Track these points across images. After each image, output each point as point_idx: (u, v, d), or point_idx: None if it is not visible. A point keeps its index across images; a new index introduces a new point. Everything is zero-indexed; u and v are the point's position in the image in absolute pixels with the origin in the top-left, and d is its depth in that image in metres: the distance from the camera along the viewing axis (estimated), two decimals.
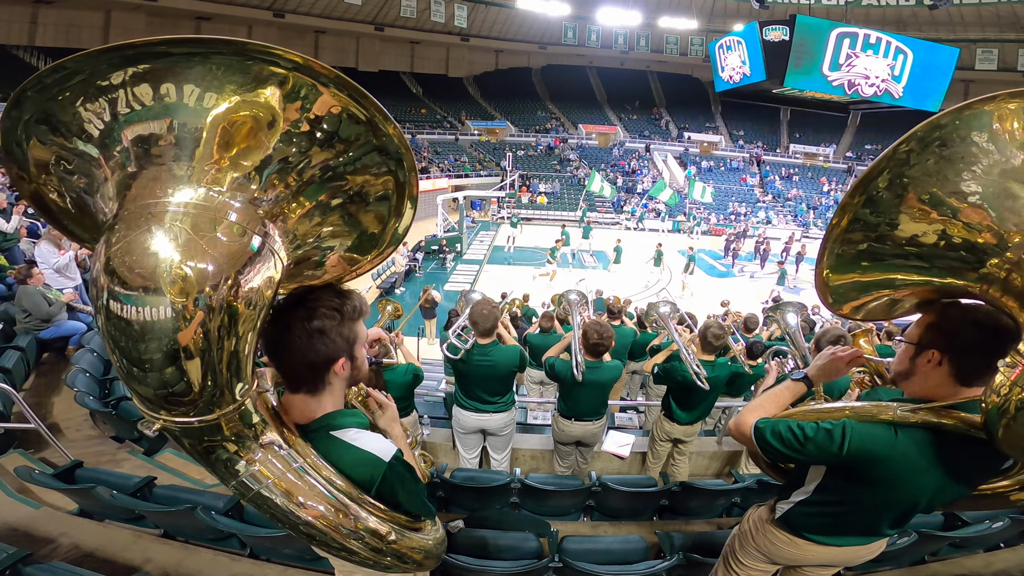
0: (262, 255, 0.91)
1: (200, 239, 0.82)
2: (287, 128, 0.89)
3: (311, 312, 1.17)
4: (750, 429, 1.67)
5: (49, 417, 4.89)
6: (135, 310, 0.80)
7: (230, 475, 1.05)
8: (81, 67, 0.80)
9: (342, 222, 1.08)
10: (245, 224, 0.88)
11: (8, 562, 2.15)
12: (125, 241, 0.81)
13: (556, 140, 35.21)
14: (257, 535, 2.64)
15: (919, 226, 1.26)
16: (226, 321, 0.87)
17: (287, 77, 0.86)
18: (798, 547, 1.83)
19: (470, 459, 4.07)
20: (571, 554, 2.53)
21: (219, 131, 0.85)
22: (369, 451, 1.24)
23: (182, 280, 0.80)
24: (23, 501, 3.27)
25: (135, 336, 0.82)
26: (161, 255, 0.80)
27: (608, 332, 3.67)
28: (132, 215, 0.83)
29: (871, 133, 36.00)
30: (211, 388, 0.91)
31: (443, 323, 9.34)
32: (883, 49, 16.31)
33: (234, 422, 1.00)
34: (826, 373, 1.76)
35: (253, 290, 0.90)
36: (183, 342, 0.83)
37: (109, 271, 0.80)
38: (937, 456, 1.46)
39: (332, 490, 1.14)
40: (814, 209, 29.76)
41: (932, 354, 1.46)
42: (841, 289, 1.49)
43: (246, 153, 0.88)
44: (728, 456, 4.90)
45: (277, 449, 1.09)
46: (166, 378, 0.86)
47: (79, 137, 0.86)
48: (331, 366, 1.22)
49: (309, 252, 1.09)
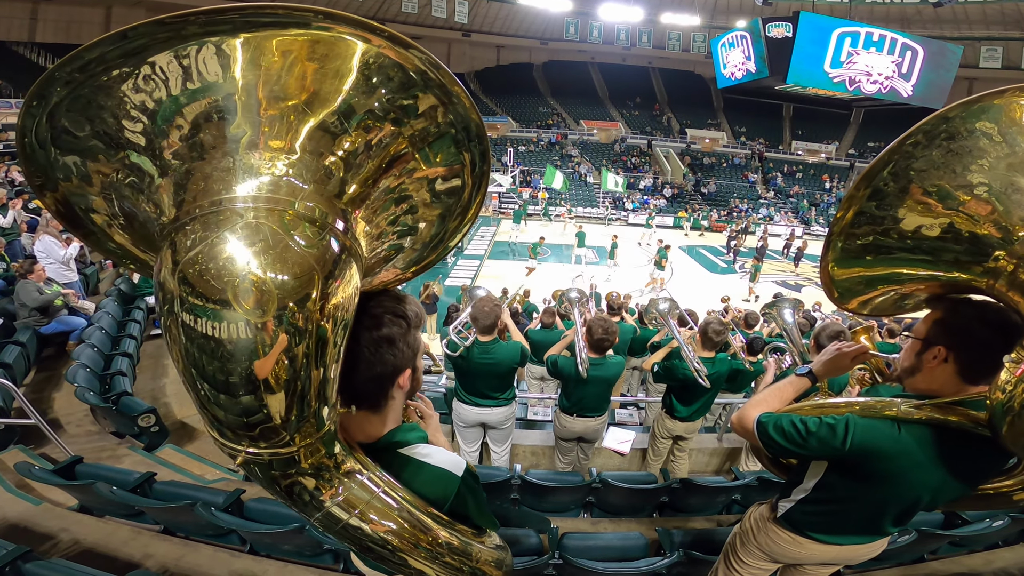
0: (343, 258, 0.81)
1: (276, 246, 0.73)
2: (359, 103, 0.79)
3: (377, 320, 1.07)
4: (753, 423, 1.66)
5: (49, 413, 4.91)
6: (214, 325, 0.72)
7: (315, 507, 0.97)
8: (130, 43, 0.71)
9: (416, 218, 0.99)
10: (318, 215, 0.78)
11: (8, 559, 2.14)
12: (204, 245, 0.72)
13: (558, 136, 35.13)
14: (257, 531, 2.64)
15: (925, 219, 1.25)
16: (311, 347, 0.78)
17: (362, 48, 0.78)
18: (800, 545, 1.83)
19: (470, 453, 4.06)
20: (571, 551, 2.53)
21: (284, 109, 0.76)
22: (442, 467, 1.18)
23: (260, 295, 0.72)
24: (23, 497, 3.27)
25: (219, 355, 0.74)
26: (236, 265, 0.71)
27: (613, 328, 3.66)
28: (206, 214, 0.74)
29: (874, 130, 35.86)
30: (296, 420, 0.83)
31: (443, 318, 9.34)
32: (887, 46, 16.26)
33: (315, 451, 0.91)
34: (831, 368, 1.75)
35: (338, 304, 0.81)
36: (261, 369, 0.75)
37: (184, 280, 0.72)
38: (940, 453, 1.46)
39: (413, 510, 1.08)
40: (816, 206, 29.72)
41: (938, 350, 1.45)
42: (847, 284, 1.49)
43: (313, 131, 0.78)
44: (728, 453, 4.90)
45: (359, 476, 1.02)
46: (247, 406, 0.78)
47: (127, 122, 0.76)
48: (396, 378, 1.13)
49: (384, 252, 1.00)
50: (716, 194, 30.92)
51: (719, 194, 31.00)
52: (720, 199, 30.48)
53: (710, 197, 30.54)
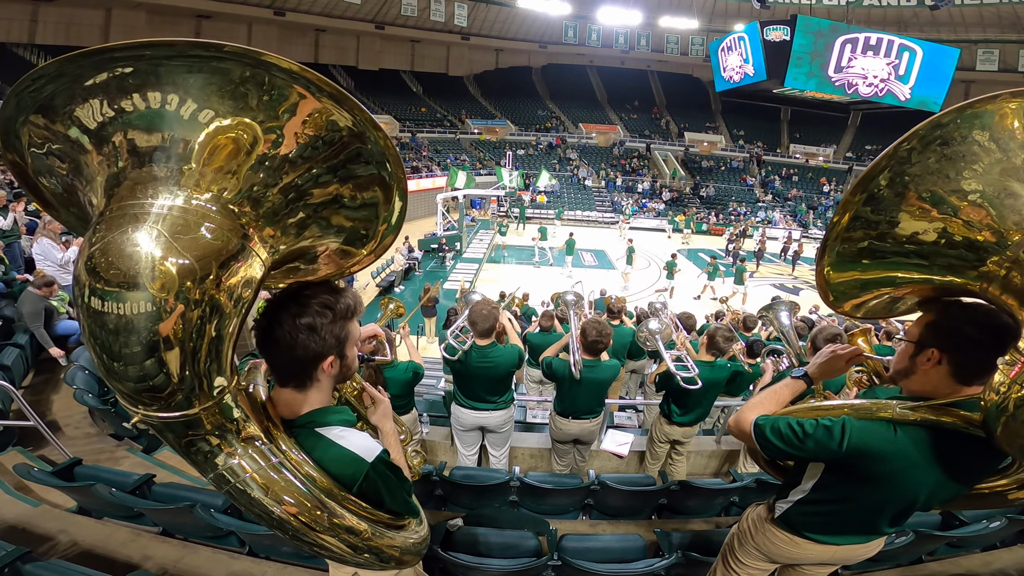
0: (241, 256, 0.93)
1: (179, 240, 0.85)
2: (270, 133, 0.92)
3: (302, 308, 1.17)
4: (750, 426, 1.67)
5: (48, 415, 4.89)
6: (114, 305, 0.82)
7: (209, 468, 1.06)
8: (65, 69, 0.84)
9: (330, 223, 1.10)
10: (225, 229, 0.91)
11: (7, 560, 2.14)
12: (105, 241, 0.83)
13: (557, 140, 35.21)
14: (256, 532, 2.64)
15: (919, 224, 1.27)
16: (206, 313, 0.89)
17: (271, 81, 0.89)
18: (798, 546, 1.84)
19: (469, 456, 4.07)
20: (570, 552, 2.53)
21: (206, 140, 0.88)
22: (352, 450, 1.24)
23: (161, 275, 0.83)
24: (22, 499, 3.27)
25: (114, 330, 0.84)
26: (141, 253, 0.83)
27: (607, 330, 3.68)
28: (115, 216, 0.86)
29: (871, 134, 36.04)
30: (189, 381, 0.92)
31: (442, 321, 9.35)
32: (884, 49, 16.32)
33: (214, 416, 1.01)
34: (826, 371, 1.77)
35: (232, 286, 0.93)
36: (162, 333, 0.85)
37: (90, 268, 0.83)
38: (935, 453, 1.47)
39: (310, 486, 1.15)
40: (814, 209, 29.80)
41: (932, 353, 1.46)
42: (842, 287, 1.50)
43: (230, 161, 0.91)
44: (726, 455, 4.91)
45: (258, 444, 1.10)
46: (145, 371, 0.88)
47: (75, 125, 0.89)
48: (319, 363, 1.22)
49: (298, 250, 1.10)
50: (715, 197, 31.00)
51: (717, 197, 31.07)
52: (719, 202, 30.55)
53: (708, 200, 30.61)
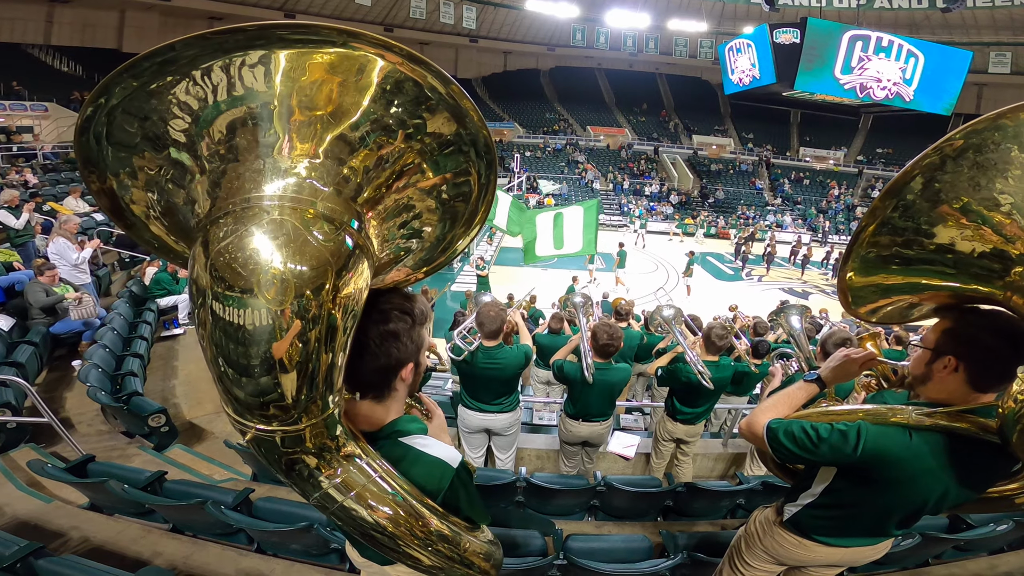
0: (355, 254, 0.89)
1: (296, 239, 0.81)
2: (379, 117, 0.87)
3: (385, 315, 1.15)
4: (762, 429, 1.67)
5: (61, 412, 4.98)
6: (235, 311, 0.79)
7: (313, 487, 1.03)
8: (184, 52, 0.78)
9: (424, 223, 1.06)
10: (336, 215, 0.85)
11: (20, 555, 2.18)
12: (234, 237, 0.80)
13: (568, 143, 35.20)
14: (265, 530, 2.67)
15: (949, 232, 1.26)
16: (323, 332, 0.85)
17: (387, 67, 0.85)
18: (807, 548, 1.84)
19: (475, 458, 4.09)
20: (576, 552, 2.54)
21: (311, 119, 0.84)
22: (439, 457, 1.23)
23: (287, 282, 0.79)
24: (35, 495, 3.32)
25: (241, 340, 0.81)
26: (260, 256, 0.79)
27: (618, 333, 3.68)
28: (238, 210, 0.82)
29: (882, 137, 35.73)
30: (305, 400, 0.89)
31: (448, 323, 9.36)
32: (895, 52, 16.18)
33: (319, 433, 0.97)
34: (839, 375, 1.76)
35: (349, 295, 0.88)
36: (278, 351, 0.82)
37: (214, 270, 0.80)
38: (949, 459, 1.47)
39: (408, 498, 1.13)
40: (823, 213, 29.60)
41: (948, 360, 1.45)
42: (863, 292, 1.49)
43: (339, 144, 0.86)
44: (733, 457, 4.92)
45: (358, 460, 1.08)
46: (263, 386, 0.85)
47: (171, 126, 0.83)
48: (400, 371, 1.21)
49: (392, 253, 1.07)
50: (724, 201, 30.87)
51: (726, 201, 30.93)
52: (727, 206, 30.42)
53: (717, 204, 30.50)
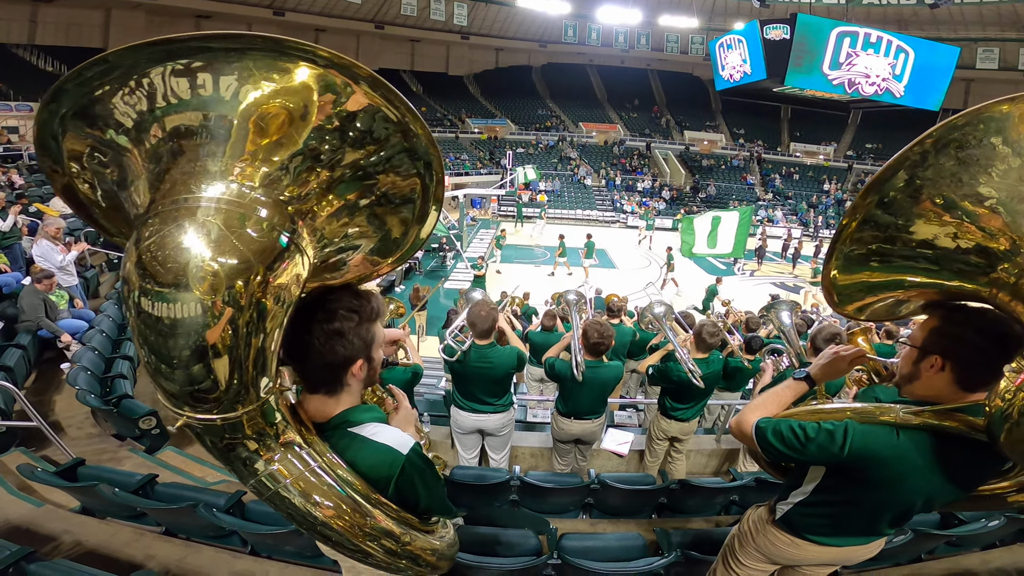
0: (290, 252, 0.92)
1: (231, 235, 0.83)
2: (319, 124, 0.89)
3: (330, 314, 1.17)
4: (751, 428, 1.67)
5: (51, 415, 4.92)
6: (165, 307, 0.81)
7: (249, 474, 1.05)
8: (122, 60, 0.81)
9: (368, 223, 1.09)
10: (274, 221, 0.89)
11: (11, 560, 2.16)
12: (158, 236, 0.82)
13: (560, 139, 35.19)
14: (258, 532, 2.66)
15: (931, 228, 1.24)
16: (254, 317, 0.88)
17: (321, 74, 0.87)
18: (799, 547, 1.84)
19: (469, 459, 4.08)
20: (570, 551, 2.54)
21: (251, 127, 0.86)
22: (387, 443, 1.23)
23: (212, 276, 0.81)
24: (25, 499, 3.28)
25: (165, 333, 0.83)
26: (192, 251, 0.81)
27: (608, 331, 3.68)
28: (166, 211, 0.84)
29: (872, 132, 35.98)
30: (237, 386, 0.91)
31: (441, 321, 9.35)
32: (884, 48, 16.29)
33: (256, 420, 1.00)
34: (828, 372, 1.76)
35: (281, 286, 0.91)
36: (211, 339, 0.84)
37: (140, 267, 0.82)
38: (937, 458, 1.47)
39: (348, 490, 1.13)
40: (814, 208, 29.78)
41: (935, 359, 1.45)
42: (848, 290, 1.49)
43: (277, 149, 0.89)
44: (726, 453, 4.94)
45: (297, 449, 1.09)
46: (193, 375, 0.87)
47: (114, 129, 0.87)
48: (349, 367, 1.22)
49: (334, 252, 1.09)
50: (715, 196, 30.99)
51: (718, 196, 31.06)
52: (719, 201, 30.55)
53: (709, 199, 30.60)
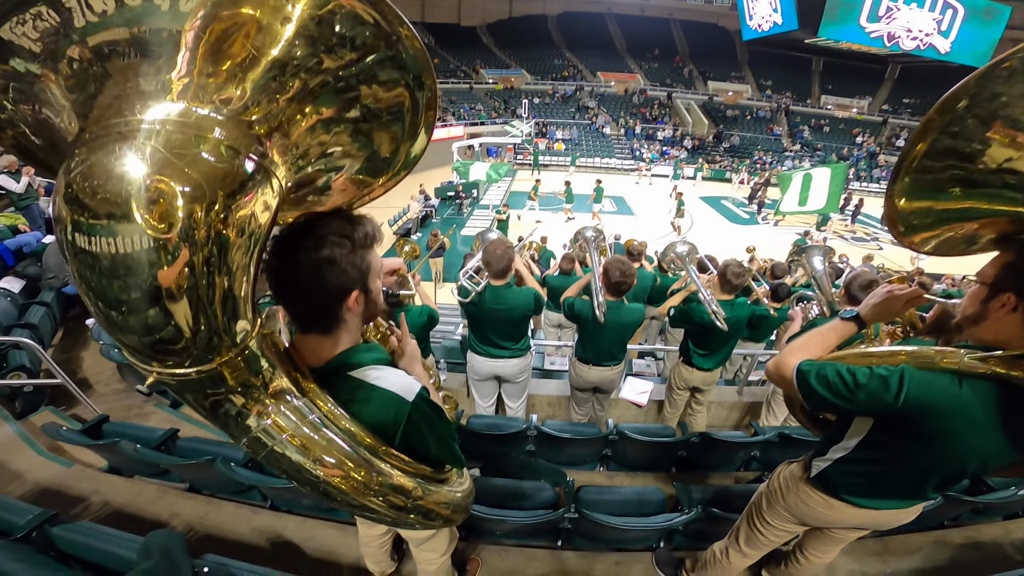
0: (256, 178, 0.78)
1: (178, 159, 0.69)
2: (286, 28, 0.76)
3: (318, 241, 1.04)
4: (792, 372, 1.50)
5: (79, 372, 5.00)
6: (104, 241, 0.68)
7: (241, 432, 0.95)
8: None
9: (351, 140, 0.95)
10: (235, 143, 0.75)
11: (35, 523, 2.13)
12: (86, 165, 0.68)
13: (577, 88, 34.28)
14: (277, 486, 2.67)
15: (1008, 151, 1.10)
16: (215, 253, 0.75)
17: None
18: (833, 508, 1.72)
19: (486, 407, 4.03)
20: (587, 504, 2.51)
21: (198, 38, 0.73)
22: (391, 389, 1.14)
23: (154, 204, 0.67)
24: (55, 460, 3.33)
25: (106, 272, 0.70)
26: (131, 175, 0.67)
27: (631, 270, 3.47)
28: (96, 136, 0.71)
29: (910, 87, 34.28)
30: (205, 332, 0.79)
31: (457, 266, 9.32)
32: (929, 2, 15.46)
33: (239, 370, 0.88)
34: (880, 313, 1.59)
35: (246, 217, 0.78)
36: (164, 280, 0.71)
37: (70, 199, 0.68)
38: (1001, 414, 1.29)
39: (352, 443, 1.05)
40: (844, 159, 28.73)
41: (1008, 298, 1.26)
42: (913, 217, 1.30)
43: (235, 61, 0.75)
44: (748, 407, 4.82)
45: (290, 399, 0.99)
46: (150, 322, 0.74)
47: (19, 56, 0.73)
48: (344, 300, 1.10)
49: (314, 173, 0.96)
50: (739, 146, 30.10)
51: (742, 146, 30.17)
52: (743, 151, 29.69)
53: (733, 149, 29.75)
